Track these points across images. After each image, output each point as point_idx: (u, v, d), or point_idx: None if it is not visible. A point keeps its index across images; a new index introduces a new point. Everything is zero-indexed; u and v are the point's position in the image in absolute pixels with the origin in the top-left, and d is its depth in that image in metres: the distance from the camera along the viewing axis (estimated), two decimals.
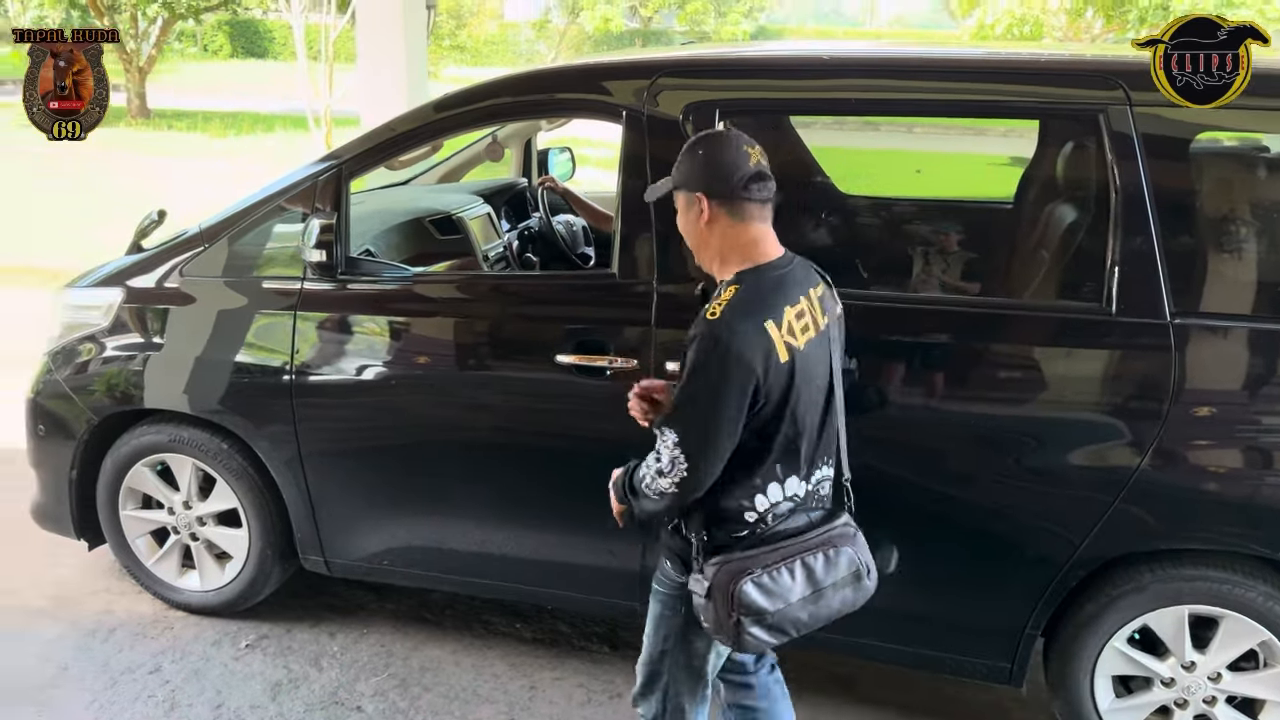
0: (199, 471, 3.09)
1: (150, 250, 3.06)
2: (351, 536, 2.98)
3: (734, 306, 1.77)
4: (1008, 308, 2.49)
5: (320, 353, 2.83)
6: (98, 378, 3.07)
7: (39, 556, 3.48)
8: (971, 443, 2.43)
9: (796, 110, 2.60)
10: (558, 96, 2.77)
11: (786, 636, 1.88)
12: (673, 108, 2.51)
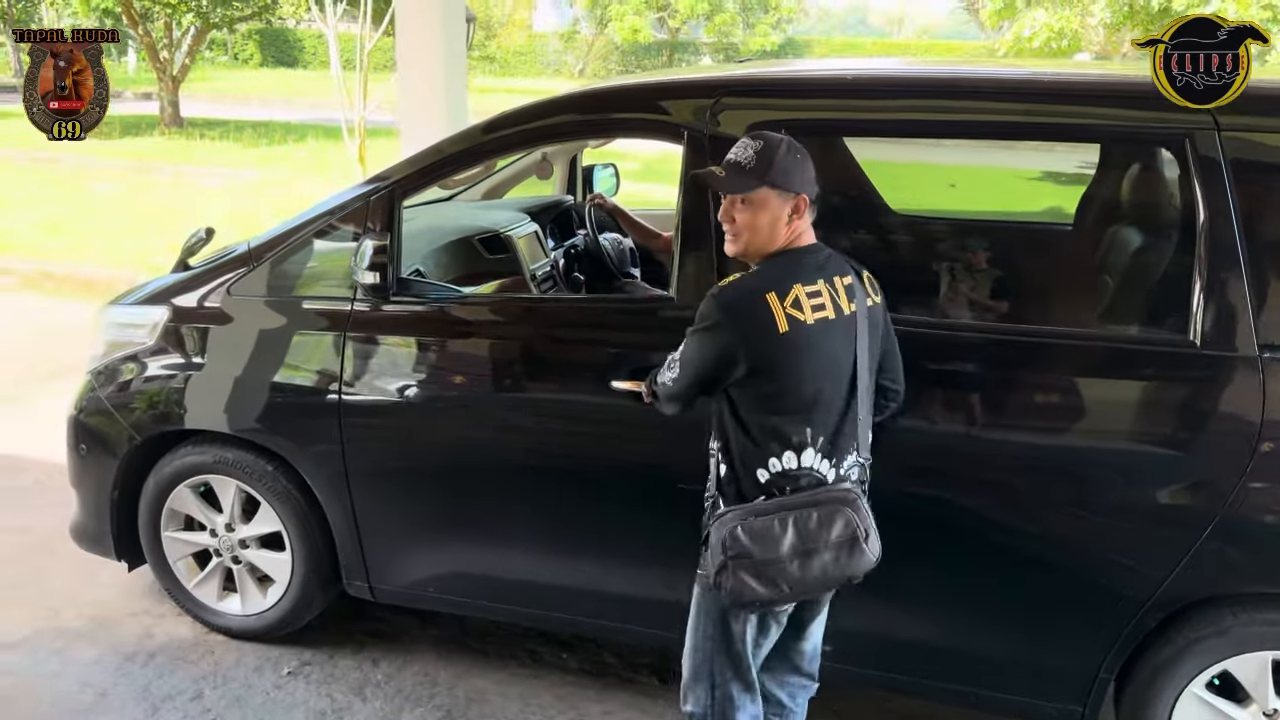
0: (242, 494, 3.03)
1: (197, 268, 3.01)
2: (398, 562, 2.91)
3: (737, 283, 1.98)
4: (1089, 338, 2.40)
5: (370, 374, 2.77)
6: (141, 397, 3.02)
7: (77, 575, 3.44)
8: (1046, 476, 2.34)
9: (864, 132, 2.52)
10: (614, 116, 2.71)
11: (779, 591, 1.95)
12: (736, 127, 2.44)
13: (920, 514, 2.38)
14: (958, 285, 2.77)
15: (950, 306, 2.74)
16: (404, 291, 2.74)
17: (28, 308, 6.66)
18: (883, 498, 2.15)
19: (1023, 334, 2.41)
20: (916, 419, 2.34)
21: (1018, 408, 2.36)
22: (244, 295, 2.91)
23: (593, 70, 31.49)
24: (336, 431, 2.80)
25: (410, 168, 2.75)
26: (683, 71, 3.27)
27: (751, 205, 1.99)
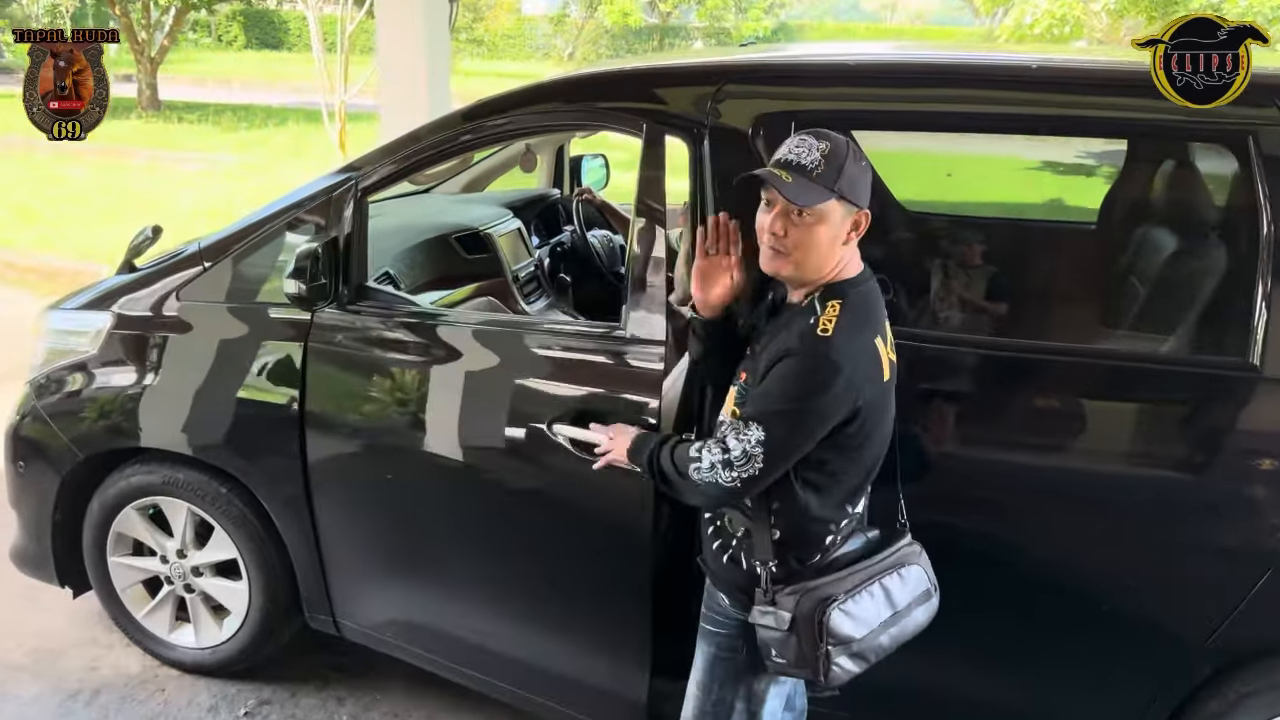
0: (195, 517, 2.77)
1: (143, 270, 2.73)
2: (364, 598, 2.65)
3: (844, 325, 1.66)
4: (1135, 359, 2.15)
5: (333, 392, 2.50)
6: (84, 412, 2.75)
7: (19, 599, 3.16)
8: (1083, 511, 2.08)
9: (888, 124, 2.24)
10: (602, 105, 2.42)
11: (868, 664, 1.78)
12: (739, 119, 2.17)
13: (950, 548, 2.14)
14: (973, 293, 2.51)
15: (966, 317, 2.48)
16: (361, 300, 2.47)
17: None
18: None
19: (1057, 352, 2.15)
20: (932, 445, 2.09)
21: (1053, 433, 2.11)
22: (194, 301, 2.63)
23: (582, 54, 31.04)
24: (297, 452, 2.54)
25: (379, 158, 2.48)
26: (678, 56, 2.98)
27: (814, 218, 1.68)
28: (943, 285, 2.51)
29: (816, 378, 1.64)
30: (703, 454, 1.71)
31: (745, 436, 1.66)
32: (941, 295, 2.47)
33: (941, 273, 2.53)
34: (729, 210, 2.12)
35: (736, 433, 1.67)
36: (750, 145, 2.15)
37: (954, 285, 2.52)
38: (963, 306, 2.48)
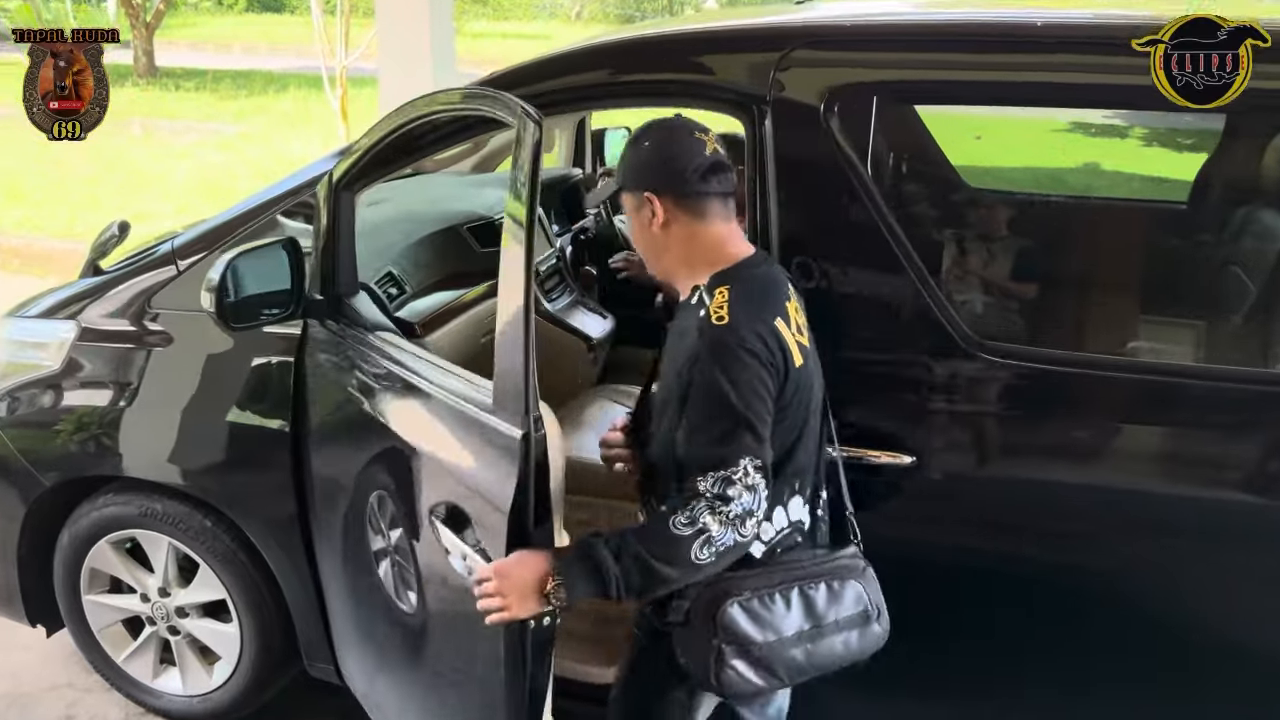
0: (178, 552, 2.43)
1: (110, 273, 2.38)
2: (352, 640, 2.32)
3: (738, 306, 1.51)
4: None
5: (328, 416, 2.15)
6: (47, 434, 2.41)
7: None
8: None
9: (999, 98, 1.86)
10: (631, 79, 2.03)
11: (776, 680, 1.57)
12: (807, 92, 1.80)
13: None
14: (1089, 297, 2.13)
15: (1079, 327, 2.11)
16: (340, 315, 2.11)
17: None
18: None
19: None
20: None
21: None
22: (167, 309, 2.28)
23: (589, 13, 30.33)
24: (290, 484, 2.20)
25: (368, 142, 2.09)
26: (721, 16, 2.58)
27: (629, 213, 1.68)
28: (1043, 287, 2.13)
29: (736, 369, 1.47)
30: (713, 525, 1.43)
31: (738, 475, 1.44)
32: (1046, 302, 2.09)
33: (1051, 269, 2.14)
34: (796, 200, 1.79)
35: (729, 477, 1.44)
36: (823, 124, 1.78)
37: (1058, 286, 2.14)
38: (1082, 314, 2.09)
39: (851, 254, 1.83)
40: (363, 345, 2.01)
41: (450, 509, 1.67)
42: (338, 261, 2.09)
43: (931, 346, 1.79)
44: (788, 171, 1.82)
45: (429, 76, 5.51)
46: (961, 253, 2.02)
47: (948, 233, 2.04)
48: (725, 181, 1.60)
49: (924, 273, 1.78)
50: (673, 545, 1.42)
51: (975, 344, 1.77)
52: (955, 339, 1.77)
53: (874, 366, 1.83)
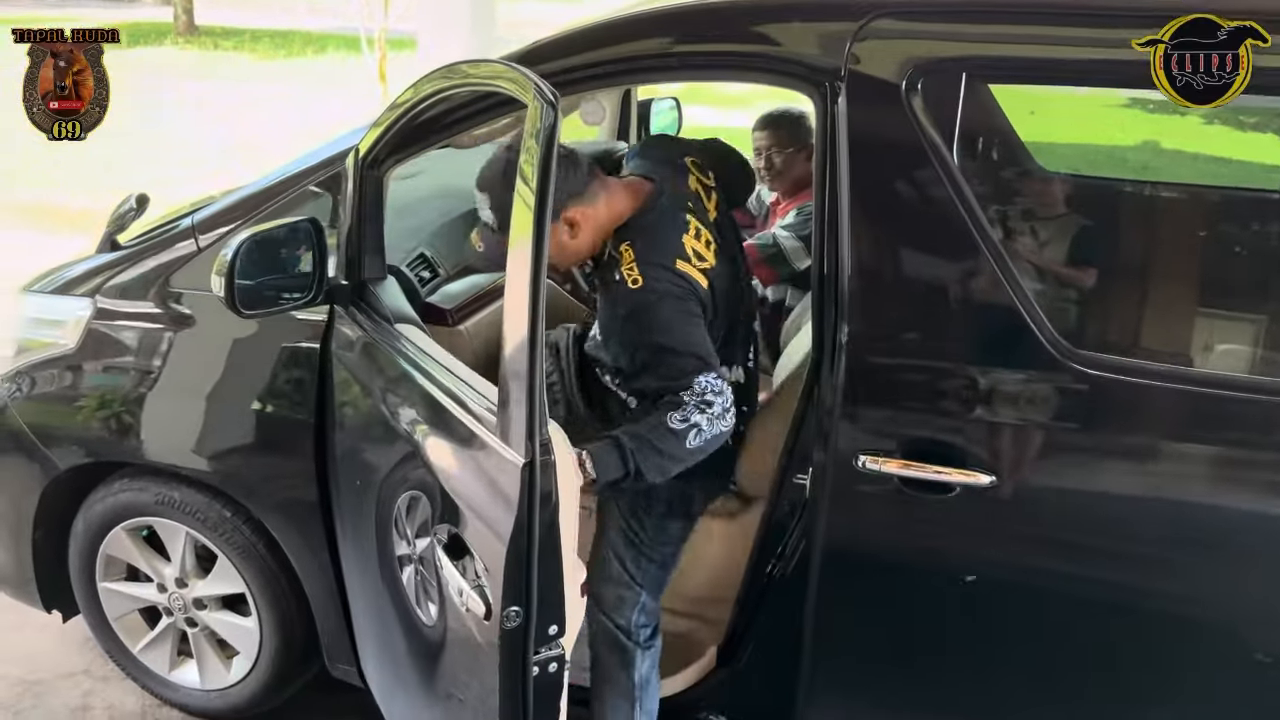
0: (195, 541, 2.32)
1: (126, 248, 2.24)
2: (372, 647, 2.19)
3: (643, 263, 1.75)
4: None
5: (355, 410, 2.01)
6: (62, 416, 2.30)
7: (7, 618, 2.75)
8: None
9: (1112, 79, 1.65)
10: (689, 50, 1.84)
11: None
12: (883, 67, 1.62)
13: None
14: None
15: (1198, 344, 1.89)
16: (363, 302, 1.96)
17: (12, 245, 5.94)
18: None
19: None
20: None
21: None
22: (186, 288, 2.14)
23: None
24: (313, 476, 2.06)
25: (384, 123, 1.90)
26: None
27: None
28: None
29: (660, 315, 1.71)
30: (701, 420, 1.68)
31: (703, 384, 1.68)
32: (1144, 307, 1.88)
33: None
34: (871, 186, 1.65)
35: (695, 388, 1.68)
36: (905, 104, 1.60)
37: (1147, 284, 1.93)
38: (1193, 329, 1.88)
39: (931, 249, 1.66)
40: (386, 338, 1.86)
41: (451, 536, 1.52)
42: (364, 243, 1.94)
43: (1018, 355, 1.62)
44: (862, 154, 1.64)
45: (467, 39, 5.36)
46: (1054, 250, 1.82)
47: (1038, 227, 1.85)
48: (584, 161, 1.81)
49: (1012, 272, 1.60)
50: (673, 437, 1.67)
51: (1067, 352, 1.59)
52: (1045, 346, 1.59)
53: (952, 375, 1.65)
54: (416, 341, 1.85)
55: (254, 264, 1.80)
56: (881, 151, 1.65)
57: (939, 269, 1.66)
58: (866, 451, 1.67)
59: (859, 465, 1.67)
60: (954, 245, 1.62)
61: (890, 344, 1.68)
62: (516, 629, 1.37)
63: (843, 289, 1.65)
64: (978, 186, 1.64)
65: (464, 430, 1.53)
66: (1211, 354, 1.80)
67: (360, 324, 1.91)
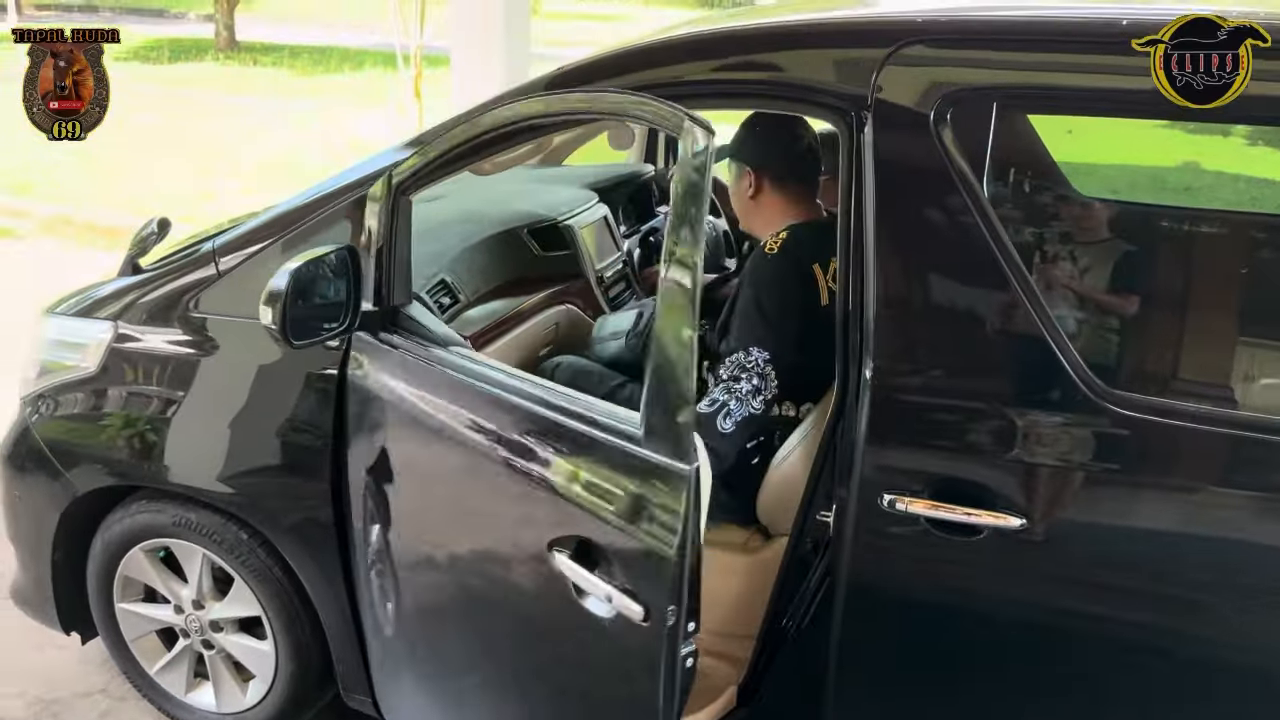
0: (212, 563, 2.30)
1: (148, 271, 2.24)
2: (410, 686, 2.16)
3: (787, 246, 2.07)
4: None
5: (368, 435, 1.98)
6: (83, 438, 2.29)
7: (28, 634, 2.74)
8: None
9: (1147, 109, 1.59)
10: (715, 77, 1.81)
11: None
12: (912, 96, 1.57)
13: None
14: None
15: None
16: (393, 326, 1.93)
17: (40, 258, 6.02)
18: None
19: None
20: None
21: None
22: (206, 312, 2.13)
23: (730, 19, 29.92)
24: (327, 501, 2.04)
25: (432, 144, 1.91)
26: (818, 6, 2.34)
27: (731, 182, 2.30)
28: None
29: (767, 282, 2.10)
30: (727, 400, 1.99)
31: (751, 361, 2.00)
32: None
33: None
34: (898, 219, 1.61)
35: (739, 361, 2.00)
36: (933, 133, 1.55)
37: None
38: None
39: (959, 283, 1.61)
40: (438, 359, 1.83)
41: (580, 543, 1.52)
42: (394, 270, 1.91)
43: (1049, 393, 1.56)
44: (889, 184, 1.60)
45: (502, 56, 5.37)
46: (1088, 284, 1.76)
47: (1072, 260, 1.79)
48: (812, 167, 2.24)
49: (1044, 307, 1.54)
50: (704, 422, 1.89)
51: (1101, 391, 1.53)
52: (1078, 385, 1.53)
53: (981, 413, 1.59)
54: (479, 359, 1.82)
55: (300, 293, 1.78)
56: (909, 182, 1.60)
57: (967, 304, 1.61)
58: (892, 490, 1.61)
59: (884, 504, 1.62)
60: (983, 279, 1.57)
61: (917, 380, 1.63)
62: (674, 627, 1.40)
63: (867, 323, 1.60)
64: (1008, 218, 1.59)
65: (585, 439, 1.53)
66: (1253, 393, 1.73)
67: (399, 346, 1.88)
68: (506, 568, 1.73)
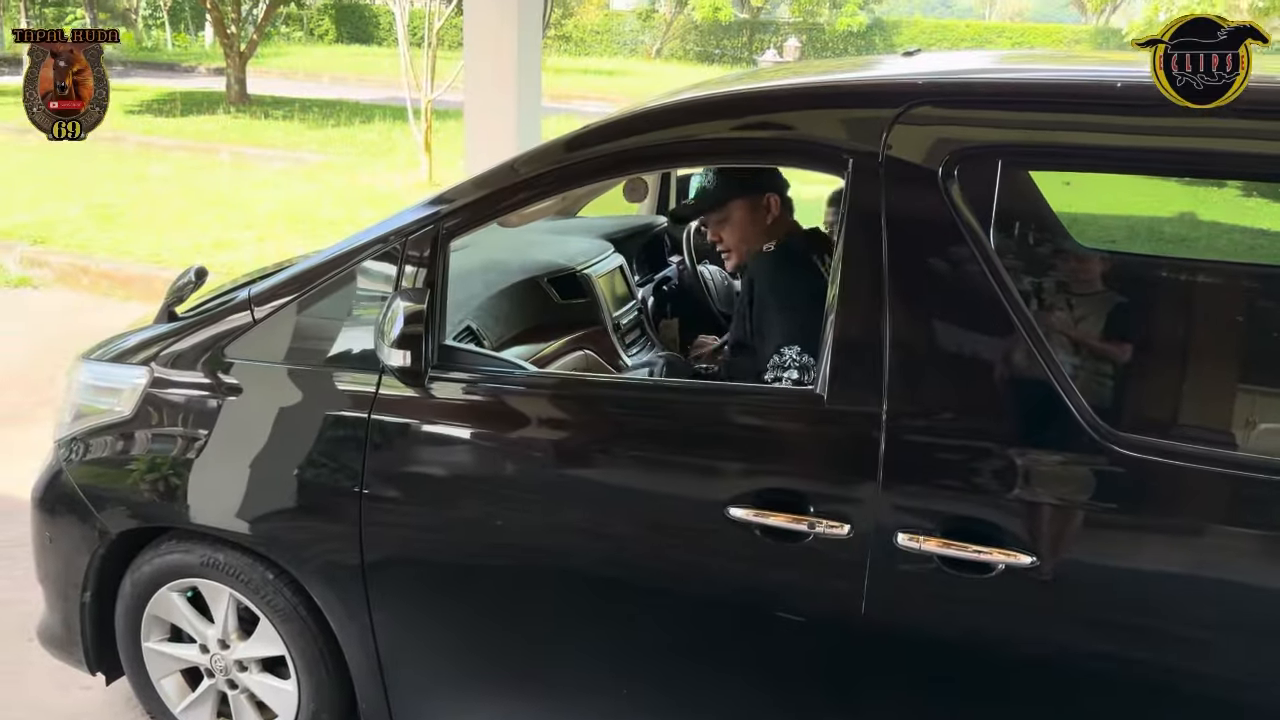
0: (238, 603, 2.36)
1: (184, 319, 2.32)
2: (434, 715, 2.21)
3: (786, 243, 2.36)
4: None
5: (401, 476, 2.06)
6: (115, 483, 2.36)
7: (57, 671, 2.78)
8: None
9: (1144, 165, 1.69)
10: (735, 137, 1.91)
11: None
12: (920, 153, 1.66)
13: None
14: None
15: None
16: (446, 364, 2.02)
17: (59, 307, 6.13)
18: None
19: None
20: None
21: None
22: (240, 359, 2.21)
23: (669, 50, 30.53)
24: (355, 547, 2.10)
25: (467, 194, 2.02)
26: (825, 69, 2.45)
27: (738, 212, 2.41)
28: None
29: (785, 278, 2.37)
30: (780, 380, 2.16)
31: (788, 359, 2.16)
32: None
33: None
34: (909, 269, 1.68)
35: (779, 360, 2.17)
36: (941, 189, 1.64)
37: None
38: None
39: (967, 329, 1.69)
40: (524, 380, 2.03)
41: (779, 494, 1.75)
42: (440, 312, 2.01)
43: (1055, 435, 1.63)
44: (900, 237, 1.68)
45: (514, 110, 5.49)
46: (1091, 329, 1.84)
47: (1075, 306, 1.87)
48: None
49: (1049, 352, 1.62)
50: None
51: (1106, 434, 1.60)
52: (1084, 427, 1.60)
53: (990, 454, 1.66)
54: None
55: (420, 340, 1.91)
56: (919, 233, 1.69)
57: (976, 349, 1.68)
58: (906, 529, 1.68)
59: (898, 542, 1.68)
60: (990, 326, 1.65)
61: (929, 421, 1.70)
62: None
63: (881, 366, 1.68)
64: (1014, 268, 1.67)
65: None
66: (1253, 435, 1.80)
67: (462, 380, 2.01)
68: (664, 538, 1.91)
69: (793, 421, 1.83)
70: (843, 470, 1.76)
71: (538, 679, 2.12)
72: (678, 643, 1.96)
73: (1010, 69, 2.02)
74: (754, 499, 1.77)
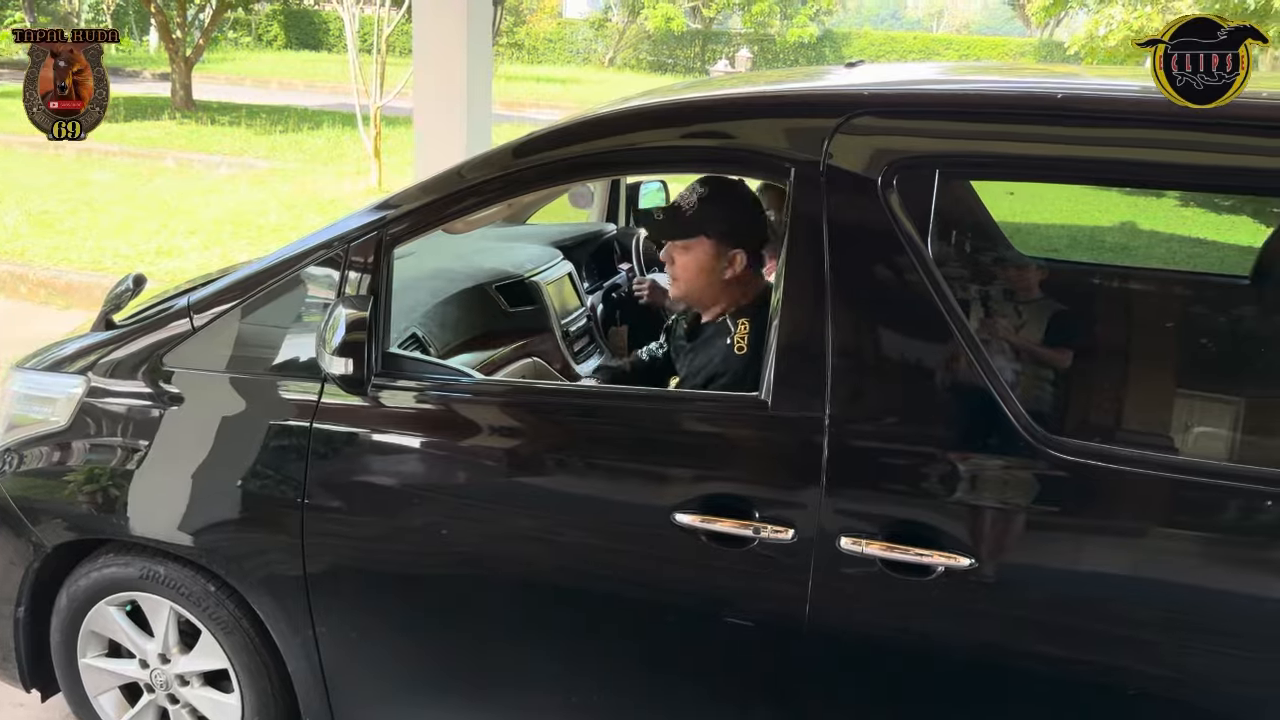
0: (179, 616, 2.31)
1: (121, 327, 2.28)
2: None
3: (754, 343, 2.11)
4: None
5: (344, 487, 2.03)
6: (50, 494, 2.30)
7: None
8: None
9: (1081, 175, 1.72)
10: (681, 145, 1.92)
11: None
12: (856, 161, 1.69)
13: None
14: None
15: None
16: (390, 372, 2.00)
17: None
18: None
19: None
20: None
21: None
22: (180, 368, 2.17)
23: (623, 59, 30.63)
24: (297, 557, 2.08)
25: (411, 201, 2.00)
26: (771, 79, 2.47)
27: (688, 253, 2.21)
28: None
29: (740, 368, 2.10)
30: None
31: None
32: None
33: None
34: (850, 276, 1.70)
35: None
36: (880, 197, 1.66)
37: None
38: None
39: (907, 336, 1.71)
40: (472, 386, 2.01)
41: (724, 499, 1.75)
42: (383, 320, 1.99)
43: (993, 440, 1.66)
44: (841, 244, 1.70)
45: (464, 118, 5.47)
46: (1029, 336, 1.88)
47: (1013, 313, 1.91)
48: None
49: (986, 359, 1.65)
50: None
51: (1042, 438, 1.63)
52: (1020, 432, 1.63)
53: (930, 459, 1.69)
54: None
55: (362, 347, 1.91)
56: (859, 241, 1.71)
57: (915, 355, 1.71)
58: (849, 533, 1.70)
59: (841, 546, 1.69)
60: (929, 333, 1.67)
61: (871, 427, 1.72)
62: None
63: (825, 373, 1.69)
64: (952, 276, 1.70)
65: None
66: (1186, 439, 1.84)
67: (408, 389, 2.00)
68: (610, 546, 1.92)
69: (737, 427, 1.84)
70: (787, 475, 1.77)
71: (484, 687, 2.10)
72: (625, 649, 1.96)
73: (951, 80, 2.05)
74: (700, 505, 1.78)
